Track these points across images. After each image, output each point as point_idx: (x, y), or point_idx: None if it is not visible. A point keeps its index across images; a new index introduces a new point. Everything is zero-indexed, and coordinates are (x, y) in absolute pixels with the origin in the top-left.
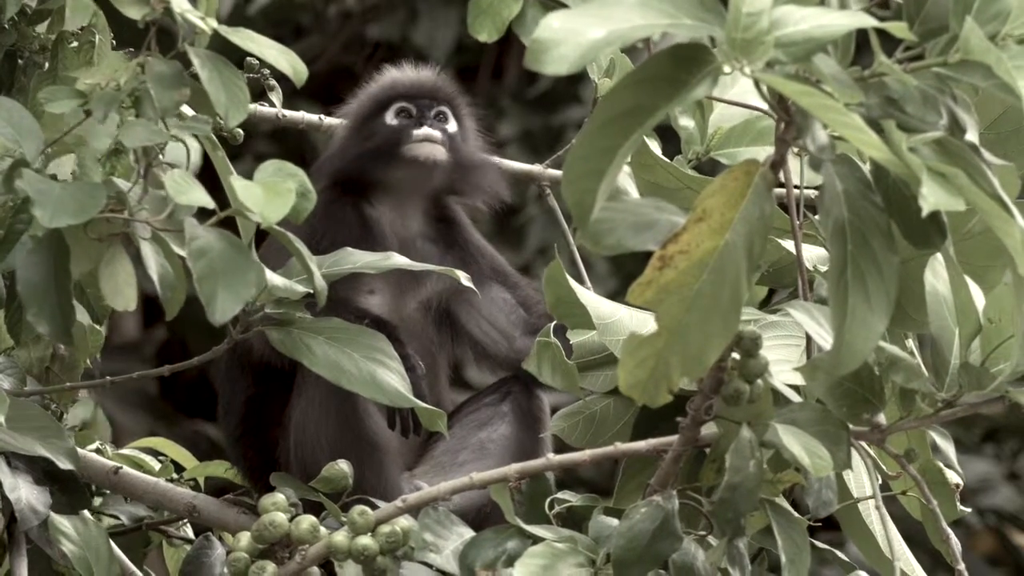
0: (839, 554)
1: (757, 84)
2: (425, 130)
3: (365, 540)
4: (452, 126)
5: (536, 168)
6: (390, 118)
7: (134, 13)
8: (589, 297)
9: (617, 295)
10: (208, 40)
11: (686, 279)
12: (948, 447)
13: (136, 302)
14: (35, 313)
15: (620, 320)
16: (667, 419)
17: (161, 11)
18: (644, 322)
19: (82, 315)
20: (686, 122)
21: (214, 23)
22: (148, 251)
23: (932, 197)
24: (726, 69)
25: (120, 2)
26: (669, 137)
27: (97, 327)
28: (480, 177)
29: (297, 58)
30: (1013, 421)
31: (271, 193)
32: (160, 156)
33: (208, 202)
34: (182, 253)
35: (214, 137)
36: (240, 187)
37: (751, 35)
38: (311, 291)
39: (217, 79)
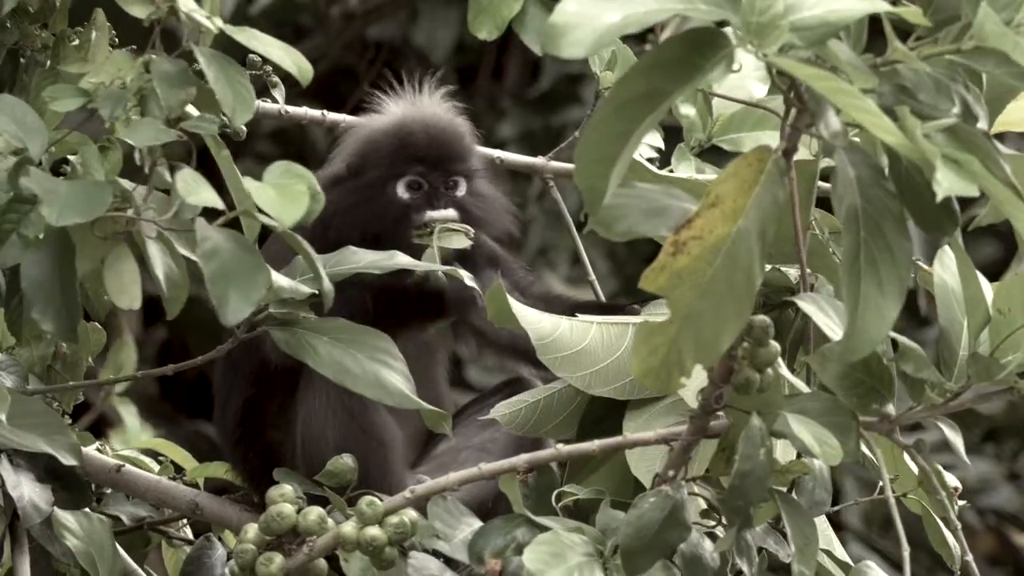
0: (836, 552)
1: (769, 70)
2: (440, 213)
3: (373, 531)
4: (462, 189)
5: (539, 161)
6: (401, 191)
7: (139, 12)
8: (530, 315)
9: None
10: (212, 39)
11: (699, 265)
12: (956, 439)
13: (140, 300)
14: (40, 311)
15: (560, 337)
16: (613, 415)
17: (166, 10)
18: (584, 335)
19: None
20: (687, 110)
21: (219, 22)
22: (154, 250)
23: (946, 182)
24: (739, 53)
25: (126, 2)
26: (668, 126)
27: (99, 325)
28: (489, 229)
29: (302, 57)
30: (1013, 421)
31: (285, 196)
32: (163, 156)
33: (217, 202)
34: (187, 253)
35: (218, 137)
36: (254, 189)
37: (766, 19)
38: (316, 291)
39: (223, 78)
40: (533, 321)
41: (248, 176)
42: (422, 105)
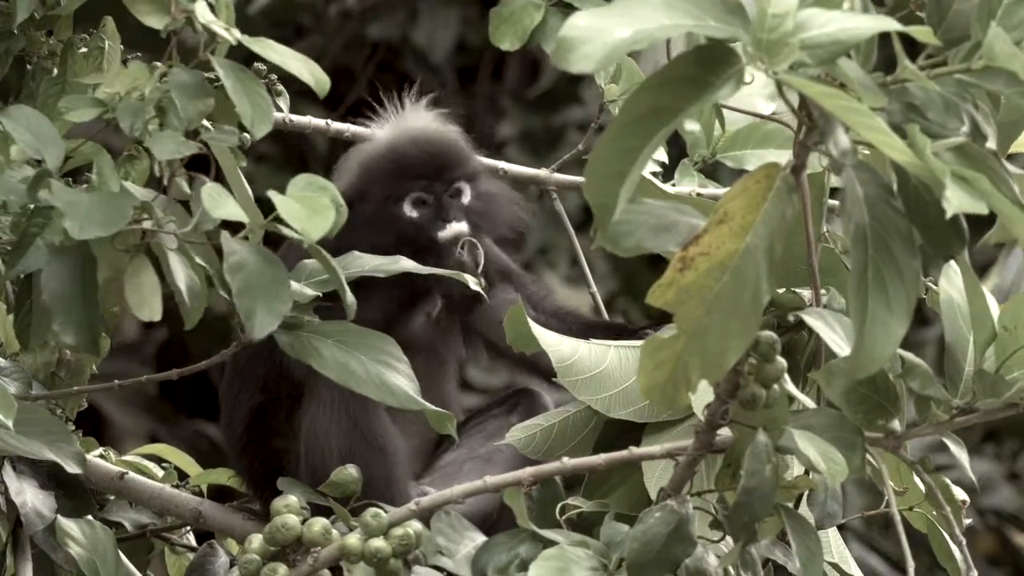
0: (844, 567)
1: (779, 87)
2: (453, 227)
3: (378, 543)
4: (467, 196)
5: (542, 172)
6: (408, 210)
7: (155, 23)
8: (549, 338)
9: (617, 295)
10: (227, 49)
11: (707, 281)
12: (962, 454)
13: (160, 312)
14: (61, 323)
15: (579, 360)
16: (627, 439)
17: (183, 21)
18: (602, 358)
19: None
20: (692, 126)
21: (237, 33)
22: (175, 262)
23: (956, 200)
24: (749, 71)
25: (140, 12)
26: (672, 140)
27: (104, 334)
28: (501, 226)
29: (318, 67)
30: (1013, 421)
31: (311, 210)
32: (183, 167)
33: (242, 216)
34: (204, 264)
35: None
36: (280, 203)
37: (776, 36)
38: (320, 295)
39: (241, 89)
40: (552, 344)
41: (247, 178)
42: (409, 121)
